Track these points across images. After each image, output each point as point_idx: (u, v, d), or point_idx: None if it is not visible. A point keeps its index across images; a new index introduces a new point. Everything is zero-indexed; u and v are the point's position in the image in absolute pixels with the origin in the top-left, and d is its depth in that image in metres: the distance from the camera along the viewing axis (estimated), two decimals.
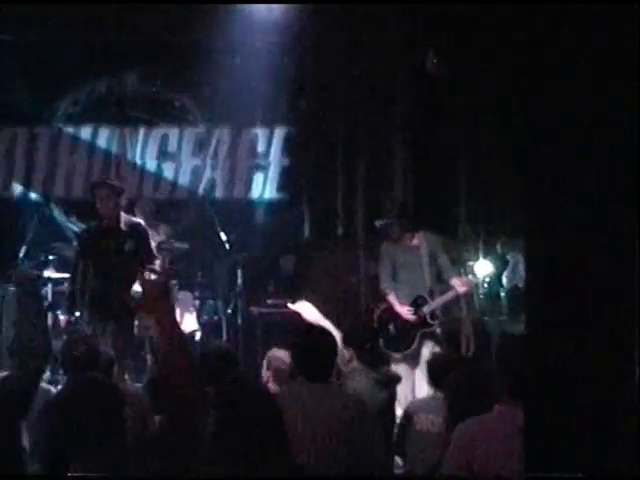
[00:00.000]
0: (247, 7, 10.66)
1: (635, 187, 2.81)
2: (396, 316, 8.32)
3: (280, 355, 6.09)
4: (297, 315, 9.77)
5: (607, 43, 2.87)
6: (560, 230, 2.91)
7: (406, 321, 8.28)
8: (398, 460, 5.99)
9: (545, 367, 2.94)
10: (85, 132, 11.57)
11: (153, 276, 6.72)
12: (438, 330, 8.37)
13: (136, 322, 8.25)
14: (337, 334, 5.76)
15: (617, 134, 2.84)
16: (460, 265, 9.22)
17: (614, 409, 2.83)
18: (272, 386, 5.97)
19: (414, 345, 8.22)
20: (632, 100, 2.83)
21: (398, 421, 6.11)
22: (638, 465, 2.81)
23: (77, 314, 8.20)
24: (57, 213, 11.24)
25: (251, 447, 3.42)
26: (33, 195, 11.45)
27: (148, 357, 9.42)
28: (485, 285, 10.37)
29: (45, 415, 5.27)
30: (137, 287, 7.74)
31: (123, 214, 8.37)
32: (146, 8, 10.68)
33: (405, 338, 8.27)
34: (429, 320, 8.28)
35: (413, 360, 8.16)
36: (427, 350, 8.08)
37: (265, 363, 6.27)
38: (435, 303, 8.31)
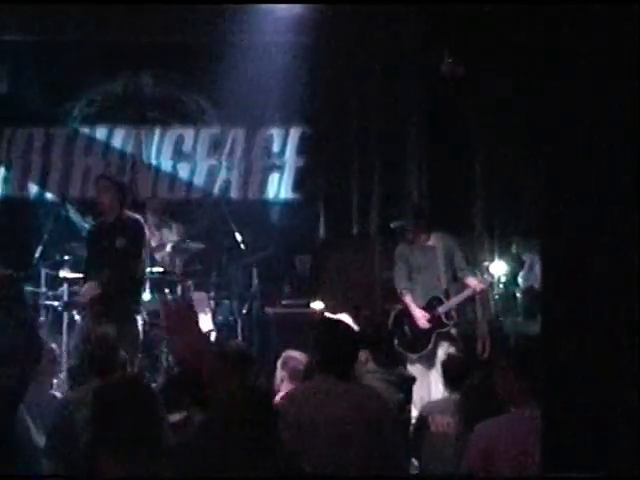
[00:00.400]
0: (262, 7, 10.67)
1: None
2: (412, 317, 8.31)
3: (296, 355, 6.09)
4: (313, 316, 9.82)
5: (607, 42, 2.86)
6: (576, 230, 2.90)
7: (422, 322, 8.26)
8: (414, 461, 5.98)
9: (561, 367, 2.93)
10: (101, 132, 11.60)
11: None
12: (454, 331, 8.35)
13: (140, 321, 8.10)
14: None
15: (636, 133, 2.82)
16: (475, 266, 9.19)
17: (632, 408, 2.82)
18: (287, 386, 5.97)
19: (430, 346, 8.20)
20: None
21: (414, 422, 6.10)
22: None
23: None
24: (73, 213, 11.27)
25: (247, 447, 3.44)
26: (49, 195, 11.49)
27: (163, 357, 9.44)
28: (501, 285, 10.37)
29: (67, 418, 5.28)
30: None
31: (127, 211, 8.24)
32: (161, 9, 10.71)
33: (421, 339, 8.26)
34: (445, 321, 8.27)
35: (429, 361, 8.15)
36: (443, 351, 8.06)
37: (280, 363, 6.27)
38: (450, 303, 8.29)
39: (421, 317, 8.24)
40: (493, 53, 10.33)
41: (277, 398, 5.30)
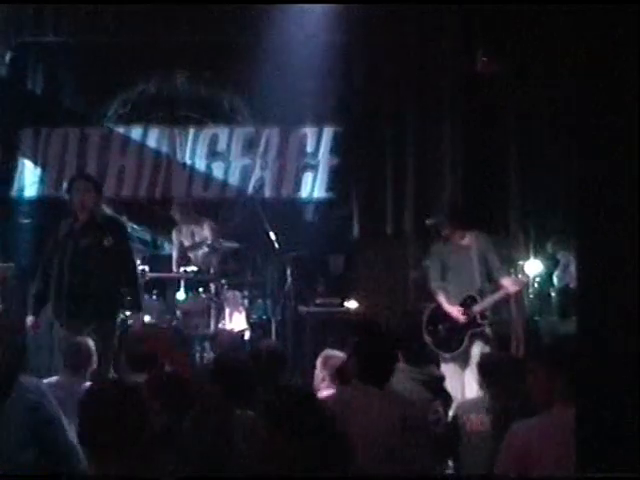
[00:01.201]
0: (296, 6, 10.68)
1: None
2: (446, 316, 8.28)
3: (335, 354, 6.08)
4: (348, 315, 9.83)
5: None
6: (612, 228, 2.88)
7: (456, 321, 8.23)
8: (449, 461, 5.95)
9: (597, 367, 2.91)
10: (135, 132, 11.66)
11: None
12: (488, 330, 8.31)
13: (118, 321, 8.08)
14: None
15: None
16: (510, 265, 9.14)
17: None
18: (328, 385, 5.96)
19: (464, 345, 8.17)
20: None
21: (448, 422, 6.07)
22: None
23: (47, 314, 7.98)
24: (108, 213, 11.32)
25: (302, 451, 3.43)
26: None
27: (197, 354, 9.49)
28: (536, 285, 10.31)
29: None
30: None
31: (99, 210, 8.23)
32: (195, 9, 10.75)
33: (455, 338, 8.22)
34: (479, 320, 8.23)
35: (463, 360, 8.11)
36: (477, 350, 8.03)
37: (320, 362, 6.27)
38: (485, 303, 8.25)
39: (455, 316, 8.21)
40: (529, 51, 10.30)
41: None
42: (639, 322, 2.81)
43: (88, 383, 5.95)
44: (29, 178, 11.60)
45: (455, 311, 8.24)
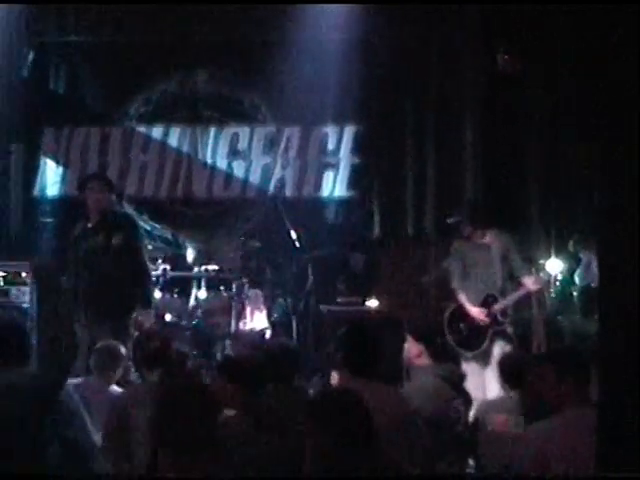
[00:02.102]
0: (317, 6, 10.69)
1: None
2: (467, 315, 8.26)
3: None
4: (369, 314, 9.82)
5: None
6: (633, 227, 2.87)
7: (477, 320, 8.21)
8: (470, 460, 5.94)
9: (618, 366, 2.90)
10: (157, 131, 11.70)
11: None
12: (509, 329, 8.29)
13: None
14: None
15: None
16: (531, 263, 9.12)
17: None
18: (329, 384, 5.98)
19: (485, 344, 8.15)
20: None
21: (470, 421, 6.06)
22: None
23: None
24: (129, 211, 11.34)
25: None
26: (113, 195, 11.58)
27: (218, 354, 9.50)
28: (557, 284, 10.28)
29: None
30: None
31: (113, 208, 8.26)
32: (216, 8, 10.77)
33: (476, 337, 8.20)
34: (500, 319, 8.21)
35: (484, 359, 8.09)
36: (498, 349, 8.00)
37: None
38: (506, 301, 8.22)
39: (476, 315, 8.19)
40: (550, 49, 10.27)
41: None
42: None
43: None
44: (51, 177, 11.66)
45: (476, 310, 8.22)
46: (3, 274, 8.93)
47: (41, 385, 4.62)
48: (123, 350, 6.66)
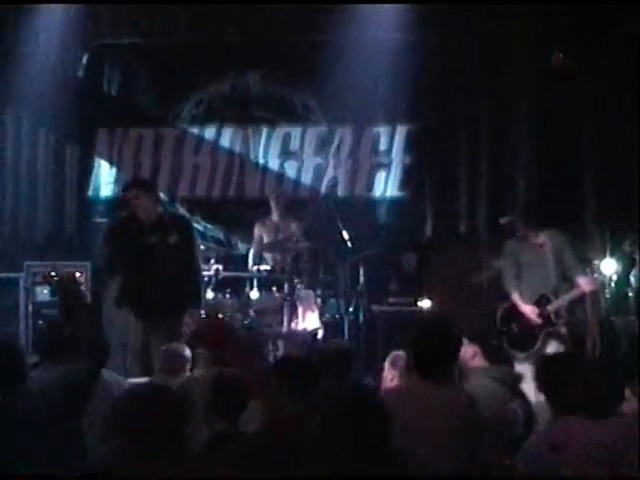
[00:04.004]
0: (370, 6, 10.68)
1: None
2: (520, 315, 8.21)
3: (404, 354, 6.06)
4: (421, 314, 9.79)
5: None
6: None
7: (530, 320, 8.15)
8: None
9: None
10: (209, 132, 11.74)
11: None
12: (563, 330, 8.22)
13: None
14: None
15: None
16: (586, 264, 9.02)
17: None
18: (396, 384, 5.95)
19: (538, 344, 8.09)
20: None
21: (526, 422, 6.00)
22: None
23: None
24: (182, 212, 11.41)
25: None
26: (159, 195, 11.65)
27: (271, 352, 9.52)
28: (612, 284, 10.16)
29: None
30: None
31: (163, 209, 8.38)
32: (268, 9, 10.80)
33: (529, 337, 8.14)
34: (553, 319, 8.14)
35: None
36: (551, 350, 7.94)
37: (389, 362, 6.26)
38: (560, 302, 8.16)
39: (529, 315, 8.13)
40: (606, 49, 10.19)
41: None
42: None
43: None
44: (104, 178, 11.76)
45: (529, 310, 8.16)
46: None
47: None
48: (188, 352, 6.71)
